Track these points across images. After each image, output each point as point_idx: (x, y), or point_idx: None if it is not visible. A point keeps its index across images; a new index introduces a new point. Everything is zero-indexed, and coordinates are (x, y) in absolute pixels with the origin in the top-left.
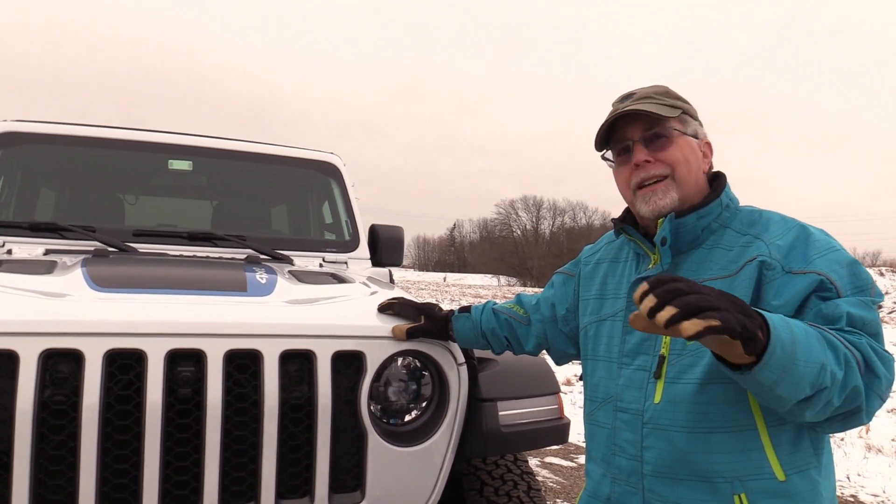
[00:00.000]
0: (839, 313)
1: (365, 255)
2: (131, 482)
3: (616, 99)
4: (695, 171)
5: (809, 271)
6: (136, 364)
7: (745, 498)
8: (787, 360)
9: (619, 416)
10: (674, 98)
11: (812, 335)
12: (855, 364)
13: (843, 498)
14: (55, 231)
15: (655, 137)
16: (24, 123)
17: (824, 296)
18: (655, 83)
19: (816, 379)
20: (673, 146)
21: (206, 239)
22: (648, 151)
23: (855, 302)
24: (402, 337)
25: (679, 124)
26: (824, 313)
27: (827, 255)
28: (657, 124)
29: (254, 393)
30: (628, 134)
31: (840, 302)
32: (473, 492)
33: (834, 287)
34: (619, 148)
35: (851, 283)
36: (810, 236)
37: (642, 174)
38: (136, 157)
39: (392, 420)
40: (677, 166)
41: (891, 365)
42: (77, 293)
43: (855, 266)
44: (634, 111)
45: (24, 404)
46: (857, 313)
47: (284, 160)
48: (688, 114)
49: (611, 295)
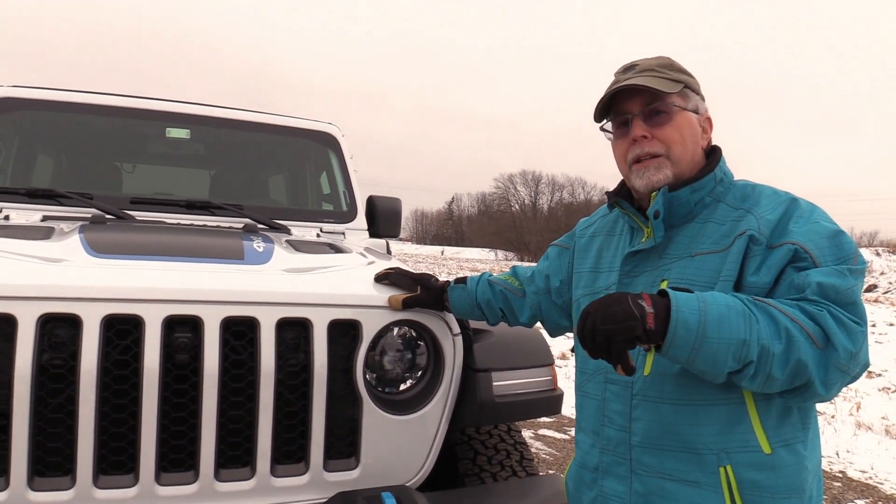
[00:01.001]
0: (808, 282)
1: (362, 226)
2: (128, 446)
3: (618, 69)
4: (691, 148)
5: (785, 242)
6: (134, 329)
7: (730, 470)
8: (694, 339)
9: (609, 388)
10: (676, 71)
11: (736, 311)
12: (803, 338)
13: (832, 474)
14: (52, 198)
15: (655, 113)
16: (21, 89)
17: (799, 266)
18: (660, 55)
19: (738, 353)
20: (671, 123)
21: (204, 207)
22: (647, 127)
23: (828, 271)
24: (398, 307)
25: (680, 99)
26: (796, 283)
27: (807, 226)
28: (657, 99)
29: (250, 360)
30: (628, 107)
31: (811, 272)
32: (467, 461)
33: (809, 256)
34: (618, 121)
35: (833, 252)
36: (798, 209)
37: (638, 150)
38: (134, 124)
39: (387, 389)
40: (673, 145)
41: (858, 336)
42: (75, 259)
43: (839, 236)
44: (635, 86)
45: (23, 368)
46: (828, 282)
47: (283, 130)
48: (689, 87)
49: (605, 269)
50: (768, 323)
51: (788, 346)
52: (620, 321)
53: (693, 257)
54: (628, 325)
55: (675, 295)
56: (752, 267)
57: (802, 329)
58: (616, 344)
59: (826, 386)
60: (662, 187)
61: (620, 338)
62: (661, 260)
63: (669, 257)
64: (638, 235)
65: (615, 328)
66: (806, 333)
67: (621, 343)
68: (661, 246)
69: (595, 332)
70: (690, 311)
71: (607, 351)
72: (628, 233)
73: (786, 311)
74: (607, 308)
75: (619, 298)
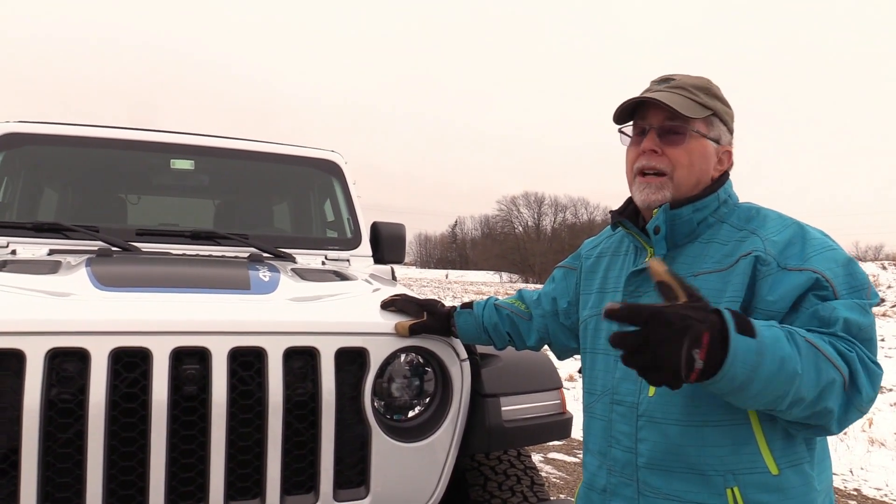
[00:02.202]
0: (835, 317)
1: (367, 252)
2: (138, 479)
3: (655, 78)
4: (696, 175)
5: (805, 268)
6: (142, 362)
7: (737, 491)
8: (733, 390)
9: (615, 409)
10: (711, 96)
11: (786, 370)
12: (839, 385)
13: (847, 492)
14: (59, 231)
15: (671, 131)
16: (26, 124)
17: (821, 294)
18: (700, 75)
19: (770, 403)
20: (684, 145)
21: (209, 238)
22: (659, 142)
23: (851, 305)
24: (405, 333)
25: (702, 125)
26: (821, 315)
27: (823, 254)
28: (677, 119)
29: (258, 390)
30: (649, 118)
31: (837, 305)
32: (477, 487)
33: (830, 286)
34: (636, 128)
35: (847, 282)
36: (807, 234)
37: (644, 161)
38: (139, 156)
39: (395, 416)
40: (679, 167)
41: (876, 380)
42: (82, 292)
43: (851, 265)
44: (657, 102)
45: (31, 403)
46: (853, 319)
47: (286, 158)
48: (718, 116)
49: (611, 289)
50: (811, 374)
51: (820, 396)
52: (662, 367)
53: (696, 277)
54: (665, 376)
55: (735, 347)
56: (766, 287)
57: (840, 375)
58: (645, 375)
59: (840, 425)
60: (664, 204)
61: (654, 378)
62: None
63: None
64: (642, 255)
65: (655, 373)
66: (842, 379)
67: (651, 378)
68: (664, 261)
69: (629, 361)
70: (742, 367)
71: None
72: (633, 252)
73: (830, 358)
74: (657, 347)
75: (675, 339)
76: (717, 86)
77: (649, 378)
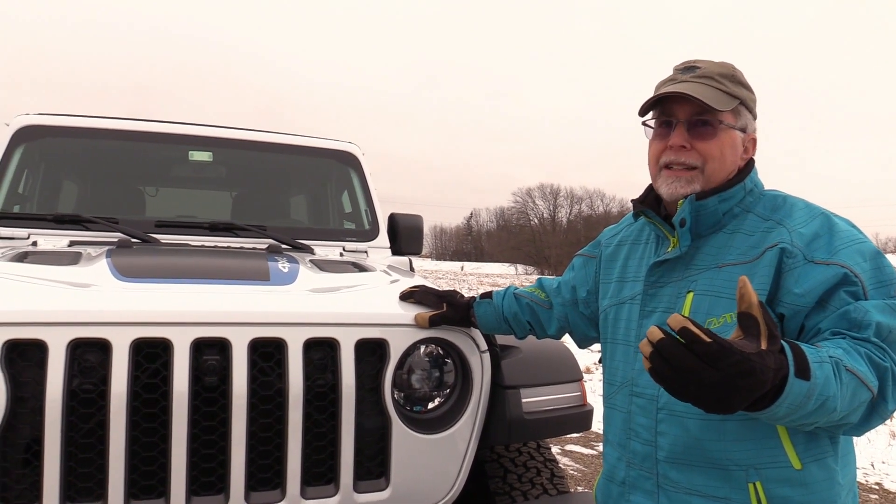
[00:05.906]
0: (867, 321)
1: (384, 244)
2: (159, 469)
3: (678, 65)
4: (728, 166)
5: (833, 262)
6: (163, 353)
7: (759, 486)
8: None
9: (635, 401)
10: (737, 84)
11: (828, 405)
12: (867, 401)
13: (868, 486)
14: (79, 223)
15: (701, 124)
16: (45, 117)
17: (851, 290)
18: (723, 61)
19: (801, 423)
20: (715, 139)
21: (227, 229)
22: (689, 137)
23: (883, 307)
24: (425, 324)
25: (731, 117)
26: (851, 317)
27: (852, 247)
28: (707, 112)
29: (278, 381)
30: (676, 111)
31: (869, 308)
32: (497, 479)
33: (859, 281)
34: (661, 120)
35: (875, 276)
36: (835, 226)
37: (672, 156)
38: (157, 148)
39: (416, 407)
40: (710, 161)
41: None
42: (103, 283)
43: (879, 258)
44: (688, 96)
45: (54, 393)
46: (885, 322)
47: (303, 150)
48: (745, 104)
49: (630, 278)
50: (846, 403)
51: (847, 415)
52: (721, 404)
53: (720, 268)
54: (716, 409)
55: (789, 391)
56: (792, 280)
57: (871, 392)
58: (693, 403)
59: (862, 430)
60: (690, 195)
61: (701, 406)
62: (688, 270)
63: (696, 268)
64: (664, 245)
65: (708, 406)
66: (871, 395)
67: (699, 405)
68: (687, 256)
69: (682, 394)
70: (787, 408)
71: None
72: (654, 241)
73: (865, 380)
74: (731, 392)
75: (753, 388)
76: (740, 70)
77: (698, 405)
